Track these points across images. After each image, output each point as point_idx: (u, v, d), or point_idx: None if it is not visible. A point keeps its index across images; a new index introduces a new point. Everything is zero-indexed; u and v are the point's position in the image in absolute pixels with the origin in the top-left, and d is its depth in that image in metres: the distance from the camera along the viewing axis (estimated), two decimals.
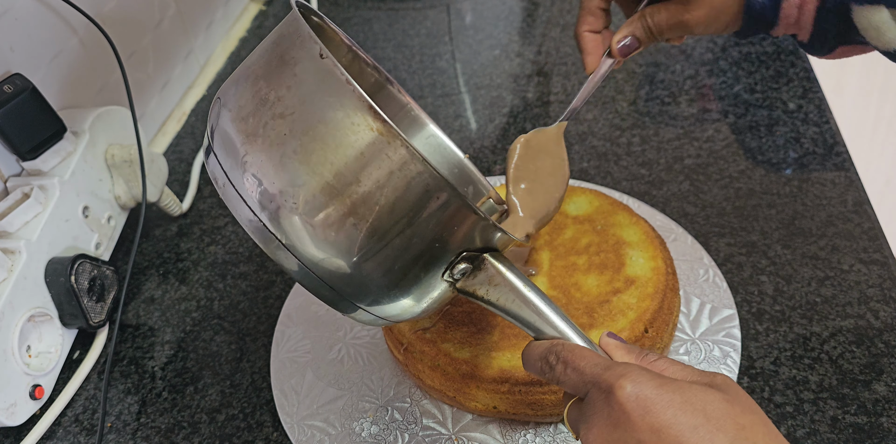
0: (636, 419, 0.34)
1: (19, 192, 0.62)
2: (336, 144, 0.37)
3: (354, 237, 0.38)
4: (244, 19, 1.08)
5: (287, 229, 0.38)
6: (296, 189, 0.37)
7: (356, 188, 0.37)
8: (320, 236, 0.38)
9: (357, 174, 0.37)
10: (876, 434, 0.51)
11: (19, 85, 0.61)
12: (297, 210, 0.38)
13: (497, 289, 0.42)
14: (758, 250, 0.64)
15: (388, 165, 0.36)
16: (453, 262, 0.40)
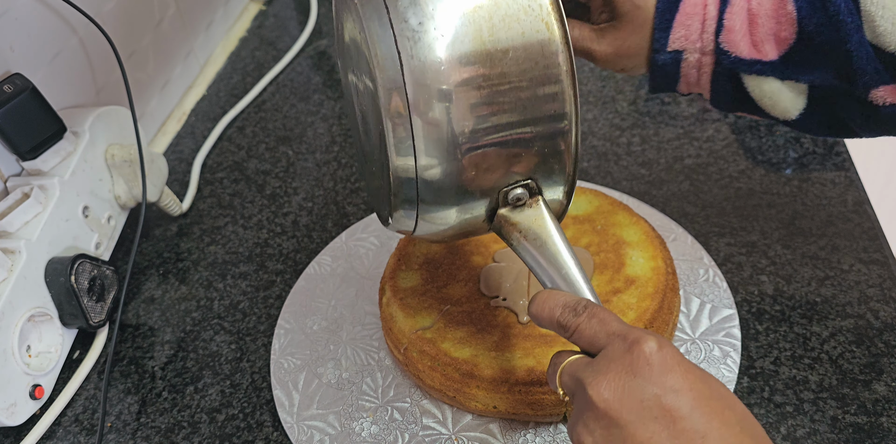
0: (658, 373, 0.35)
1: (19, 192, 0.62)
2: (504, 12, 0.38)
3: (476, 97, 0.39)
4: (244, 19, 1.08)
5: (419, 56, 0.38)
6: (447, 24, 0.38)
7: (500, 53, 0.38)
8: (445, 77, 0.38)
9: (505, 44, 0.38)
10: (876, 434, 0.51)
11: (19, 85, 0.61)
12: (437, 39, 0.38)
13: (538, 231, 0.42)
14: (758, 250, 0.64)
15: (537, 44, 0.38)
16: (513, 183, 0.41)
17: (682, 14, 0.48)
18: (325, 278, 0.68)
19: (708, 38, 0.48)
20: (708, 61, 0.49)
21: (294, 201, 0.78)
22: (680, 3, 0.48)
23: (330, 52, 1.00)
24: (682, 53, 0.49)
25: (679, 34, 0.48)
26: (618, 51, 0.50)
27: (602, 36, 0.51)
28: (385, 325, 0.58)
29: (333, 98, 0.92)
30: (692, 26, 0.48)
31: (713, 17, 0.48)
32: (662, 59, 0.49)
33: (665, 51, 0.49)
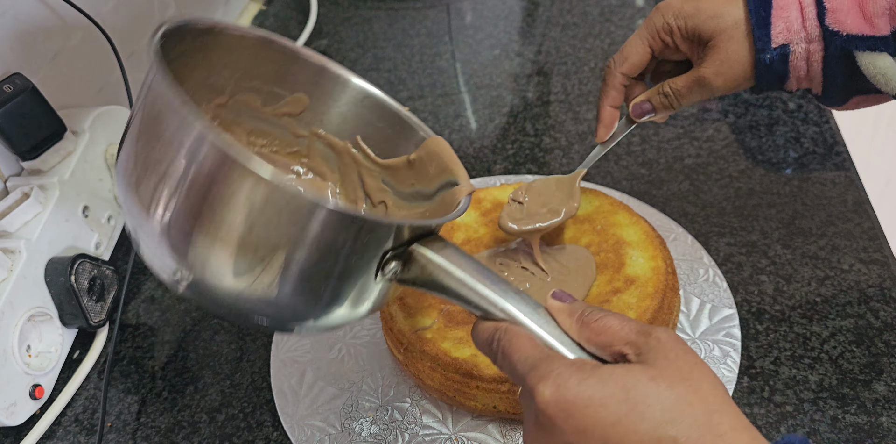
0: (560, 423, 0.34)
1: (19, 191, 0.62)
2: (215, 196, 0.36)
3: (270, 277, 0.38)
4: (244, 19, 1.08)
5: (199, 273, 0.38)
6: (197, 251, 0.38)
7: (250, 234, 0.37)
8: (232, 283, 0.38)
9: (244, 220, 0.37)
10: (876, 434, 0.51)
11: (19, 84, 0.61)
12: (205, 265, 0.38)
13: (434, 275, 0.41)
14: (758, 250, 0.64)
15: (257, 201, 0.36)
16: (381, 264, 0.40)
17: (777, 6, 0.47)
18: None
19: (812, 25, 0.47)
20: (817, 48, 0.48)
21: None
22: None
23: (330, 52, 1.00)
24: (789, 46, 0.48)
25: (780, 28, 0.47)
26: (722, 63, 0.50)
27: (702, 63, 0.51)
28: (385, 325, 0.58)
29: None
30: (791, 16, 0.47)
31: (810, 3, 0.47)
32: (769, 57, 0.48)
33: (770, 48, 0.48)
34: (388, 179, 0.51)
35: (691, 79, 0.51)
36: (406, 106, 0.50)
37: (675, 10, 0.51)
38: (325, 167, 0.52)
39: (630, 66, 0.54)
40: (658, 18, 0.51)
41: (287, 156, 0.52)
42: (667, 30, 0.51)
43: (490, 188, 0.66)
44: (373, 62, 0.96)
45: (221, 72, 0.47)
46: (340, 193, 0.52)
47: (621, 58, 0.54)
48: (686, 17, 0.50)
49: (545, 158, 0.77)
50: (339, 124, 0.50)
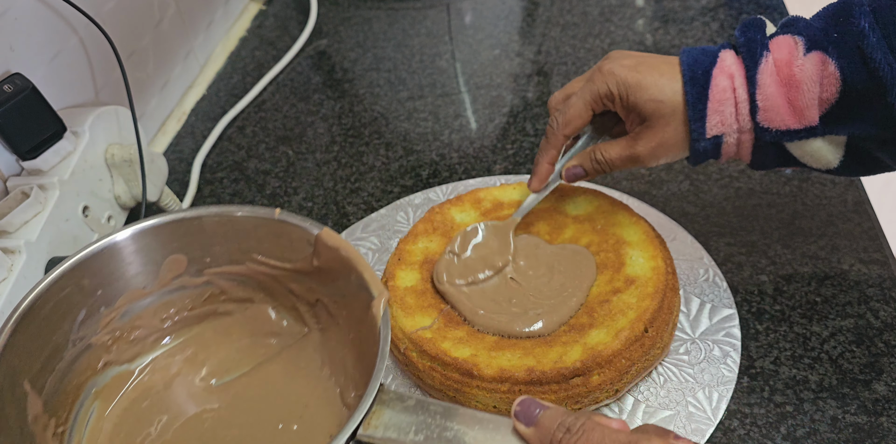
0: None
1: (19, 191, 0.62)
2: None
3: None
4: (244, 19, 1.08)
5: None
6: None
7: None
8: None
9: None
10: (876, 434, 0.51)
11: (19, 84, 0.61)
12: None
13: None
14: (758, 250, 0.64)
15: None
16: None
17: (713, 101, 0.49)
18: None
19: (744, 119, 0.50)
20: (747, 138, 0.50)
21: (294, 201, 0.78)
22: (708, 92, 0.49)
23: (330, 51, 1.00)
24: (722, 137, 0.51)
25: (715, 121, 0.50)
26: (658, 146, 0.52)
27: (638, 139, 0.53)
28: None
29: (333, 98, 0.92)
30: (726, 111, 0.50)
31: (745, 100, 0.49)
32: (703, 145, 0.51)
33: (704, 138, 0.51)
34: (306, 280, 0.50)
35: (625, 154, 0.54)
36: (277, 207, 0.49)
37: (618, 79, 0.52)
38: (247, 292, 0.53)
39: (573, 129, 0.56)
40: (601, 84, 0.53)
41: (205, 304, 0.53)
42: (609, 97, 0.53)
43: (490, 188, 0.66)
44: (373, 62, 0.96)
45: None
46: (276, 309, 0.52)
47: (565, 120, 0.55)
48: (628, 90, 0.52)
49: None
50: (230, 255, 0.50)
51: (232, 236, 0.49)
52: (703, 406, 0.53)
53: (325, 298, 0.49)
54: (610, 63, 0.53)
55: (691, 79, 0.50)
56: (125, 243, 0.47)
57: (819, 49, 0.47)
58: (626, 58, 0.53)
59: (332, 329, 0.50)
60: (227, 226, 0.48)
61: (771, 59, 0.48)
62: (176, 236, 0.48)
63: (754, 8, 0.93)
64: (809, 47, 0.47)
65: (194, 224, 0.48)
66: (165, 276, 0.50)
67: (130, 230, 0.47)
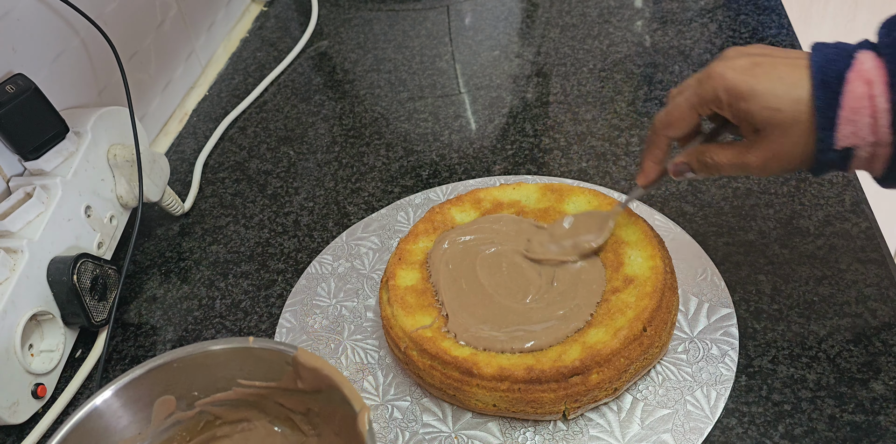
0: None
1: (22, 191, 0.63)
2: None
3: None
4: (246, 20, 1.08)
5: None
6: None
7: None
8: None
9: None
10: (874, 433, 0.51)
11: (22, 85, 0.62)
12: None
13: None
14: (756, 250, 0.64)
15: None
16: None
17: (846, 109, 0.44)
18: (325, 278, 0.68)
19: (883, 132, 0.44)
20: (884, 152, 0.45)
21: (295, 201, 0.78)
22: (840, 98, 0.44)
23: (331, 53, 1.00)
24: (853, 150, 0.45)
25: (847, 131, 0.44)
26: (773, 157, 0.47)
27: (751, 148, 0.48)
28: (385, 323, 0.59)
29: (334, 99, 0.92)
30: (860, 122, 0.44)
31: (885, 110, 0.43)
32: (830, 157, 0.45)
33: (833, 149, 0.45)
34: (294, 394, 0.51)
35: (736, 160, 0.49)
36: (251, 336, 0.50)
37: (727, 84, 0.46)
38: (241, 413, 0.54)
39: (676, 132, 0.51)
40: (709, 88, 0.47)
41: (203, 432, 0.53)
42: (716, 102, 0.48)
43: (490, 188, 0.67)
44: (373, 63, 0.97)
45: None
46: (272, 422, 0.54)
47: (667, 121, 0.51)
48: (739, 98, 0.46)
49: (544, 159, 0.77)
50: (216, 384, 0.51)
51: (213, 368, 0.50)
52: (702, 405, 0.53)
53: (315, 406, 0.51)
54: (722, 64, 0.47)
55: (822, 82, 0.44)
56: (109, 401, 0.48)
57: None
58: (742, 57, 0.47)
59: (328, 434, 0.52)
60: (206, 360, 0.50)
61: None
62: (158, 381, 0.50)
63: (752, 9, 0.94)
64: None
65: (173, 367, 0.49)
66: (158, 417, 0.51)
67: (111, 389, 0.48)
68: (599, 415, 0.54)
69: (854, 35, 0.59)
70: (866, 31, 0.47)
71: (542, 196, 0.65)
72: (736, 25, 0.91)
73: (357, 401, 0.45)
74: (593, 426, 0.53)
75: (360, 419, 0.45)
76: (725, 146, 0.50)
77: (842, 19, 1.69)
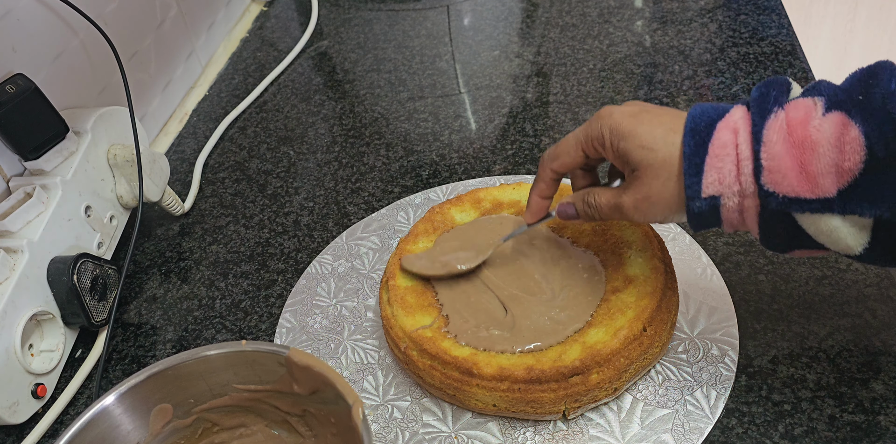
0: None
1: (21, 191, 0.63)
2: None
3: None
4: (246, 20, 1.08)
5: None
6: None
7: None
8: None
9: None
10: (874, 433, 0.51)
11: (21, 85, 0.62)
12: None
13: None
14: (755, 249, 0.64)
15: None
16: None
17: (712, 156, 0.44)
18: (326, 278, 0.68)
19: (747, 180, 0.43)
20: (751, 204, 0.44)
21: (295, 201, 0.78)
22: (708, 145, 0.44)
23: (331, 53, 1.00)
24: (720, 199, 0.45)
25: (712, 178, 0.44)
26: (643, 199, 0.48)
27: (626, 189, 0.49)
28: (385, 323, 0.59)
29: (334, 99, 0.92)
30: (724, 168, 0.44)
31: (748, 157, 0.43)
32: (698, 206, 0.45)
33: (700, 197, 0.45)
34: (289, 396, 0.51)
35: (612, 201, 0.50)
36: (243, 339, 0.50)
37: (612, 125, 0.48)
38: (238, 419, 0.54)
39: (560, 165, 0.53)
40: (596, 126, 0.49)
41: (201, 439, 0.54)
42: (599, 141, 0.49)
43: (490, 188, 0.67)
44: (373, 63, 0.97)
45: None
46: (269, 425, 0.54)
47: (553, 154, 0.53)
48: (620, 137, 0.48)
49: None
50: (212, 390, 0.52)
51: (208, 374, 0.50)
52: (702, 405, 0.53)
53: (311, 407, 0.51)
54: (612, 107, 0.49)
55: (692, 130, 0.45)
56: (106, 412, 0.48)
57: (840, 109, 0.41)
58: (632, 105, 0.50)
59: (325, 435, 0.52)
60: (201, 366, 0.50)
61: (783, 116, 0.43)
62: (154, 390, 0.50)
63: (752, 9, 0.94)
64: (829, 107, 0.41)
65: (170, 373, 0.50)
66: (156, 426, 0.51)
67: (108, 399, 0.48)
68: (599, 415, 0.54)
69: (854, 35, 0.59)
70: (866, 31, 0.47)
71: None
72: (736, 25, 0.91)
73: (350, 395, 0.45)
74: (593, 426, 0.54)
75: (354, 411, 0.45)
76: (606, 189, 0.51)
77: (842, 19, 1.69)
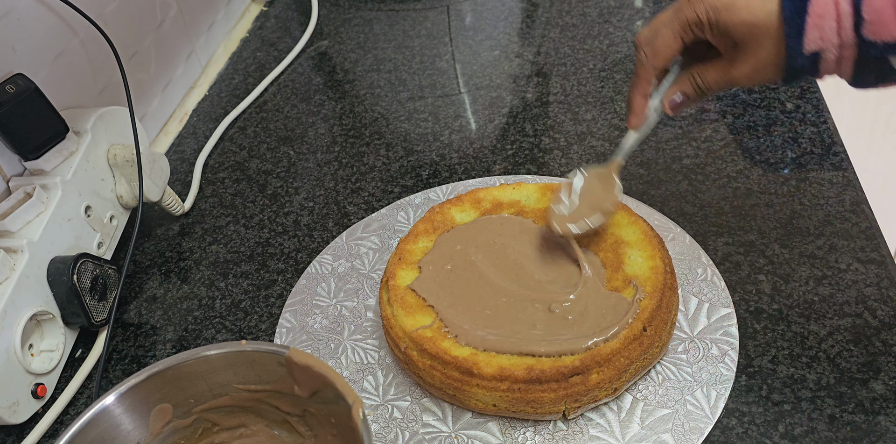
0: None
1: (21, 191, 0.63)
2: None
3: None
4: (246, 20, 1.08)
5: None
6: None
7: None
8: None
9: None
10: (874, 433, 0.51)
11: (21, 85, 0.62)
12: None
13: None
14: (756, 250, 0.64)
15: None
16: None
17: (812, 15, 0.46)
18: (326, 277, 0.68)
19: (847, 34, 0.46)
20: (850, 54, 0.47)
21: (295, 201, 0.78)
22: (808, 5, 0.46)
23: (331, 52, 1.00)
24: (820, 54, 0.47)
25: (814, 36, 0.47)
26: (753, 70, 0.50)
27: (733, 62, 0.51)
28: (385, 323, 0.59)
29: (334, 99, 0.92)
30: (825, 26, 0.46)
31: (848, 13, 0.46)
32: (801, 63, 0.48)
33: (802, 55, 0.48)
34: (289, 396, 0.51)
35: (722, 77, 0.52)
36: (243, 339, 0.50)
37: (707, 4, 0.50)
38: (237, 419, 0.54)
39: (663, 60, 0.53)
40: (690, 12, 0.51)
41: (201, 439, 0.54)
42: (697, 24, 0.51)
43: (490, 188, 0.67)
44: (373, 63, 0.97)
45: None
46: (269, 425, 0.54)
47: (654, 51, 0.53)
48: (718, 14, 0.49)
49: (544, 159, 0.77)
50: (211, 390, 0.52)
51: (208, 374, 0.50)
52: (702, 405, 0.54)
53: (311, 407, 0.51)
54: None
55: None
56: (106, 412, 0.48)
57: None
58: None
59: (325, 435, 0.52)
60: (201, 366, 0.50)
61: None
62: (154, 390, 0.50)
63: None
64: None
65: (170, 373, 0.50)
66: (155, 426, 0.51)
67: (108, 400, 0.48)
68: (599, 415, 0.54)
69: None
70: None
71: (542, 196, 0.65)
72: None
73: (350, 394, 0.45)
74: (593, 426, 0.54)
75: (354, 411, 0.45)
76: (709, 66, 0.53)
77: None
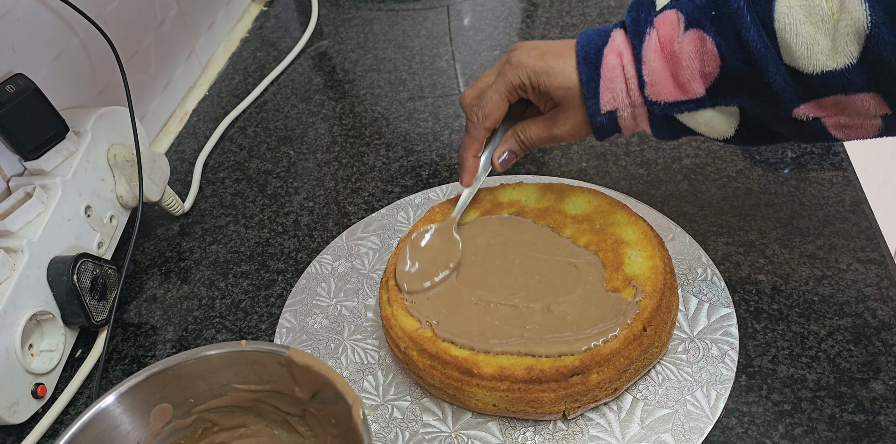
0: None
1: (21, 191, 0.63)
2: None
3: None
4: (246, 20, 1.08)
5: None
6: None
7: None
8: None
9: None
10: (874, 433, 0.51)
11: (21, 85, 0.62)
12: None
13: None
14: (756, 250, 0.64)
15: None
16: None
17: (604, 79, 0.52)
18: (326, 277, 0.68)
19: (635, 94, 0.52)
20: (641, 112, 0.53)
21: (295, 201, 0.78)
22: (600, 71, 0.52)
23: (331, 52, 1.00)
24: (616, 112, 0.53)
25: (608, 97, 0.53)
26: (574, 126, 0.56)
27: (555, 122, 0.57)
28: (385, 323, 0.59)
29: (334, 99, 0.92)
30: (616, 88, 0.52)
31: (633, 76, 0.52)
32: (600, 121, 0.54)
33: (600, 114, 0.54)
34: (289, 396, 0.51)
35: (545, 134, 0.58)
36: (243, 339, 0.50)
37: (528, 70, 0.55)
38: (237, 419, 0.54)
39: (493, 122, 0.59)
40: (513, 76, 0.56)
41: (201, 439, 0.54)
42: (522, 87, 0.56)
43: (490, 188, 0.67)
44: (373, 63, 0.97)
45: None
46: (269, 425, 0.54)
47: (484, 114, 0.58)
48: (539, 78, 0.55)
49: (544, 159, 0.77)
50: (211, 390, 0.52)
51: (208, 374, 0.50)
52: (702, 405, 0.53)
53: (311, 407, 0.51)
54: (518, 55, 0.56)
55: (584, 58, 0.53)
56: (106, 412, 0.48)
57: (697, 27, 0.48)
58: (532, 48, 0.56)
59: (325, 435, 0.52)
60: (201, 366, 0.50)
61: (655, 36, 0.50)
62: (154, 390, 0.50)
63: None
64: (688, 25, 0.49)
65: (170, 373, 0.50)
66: (155, 426, 0.51)
67: (107, 400, 0.48)
68: (599, 415, 0.54)
69: None
70: None
71: (542, 196, 0.65)
72: None
73: (350, 394, 0.46)
74: (593, 426, 0.54)
75: (354, 411, 0.45)
76: (531, 123, 0.58)
77: None
